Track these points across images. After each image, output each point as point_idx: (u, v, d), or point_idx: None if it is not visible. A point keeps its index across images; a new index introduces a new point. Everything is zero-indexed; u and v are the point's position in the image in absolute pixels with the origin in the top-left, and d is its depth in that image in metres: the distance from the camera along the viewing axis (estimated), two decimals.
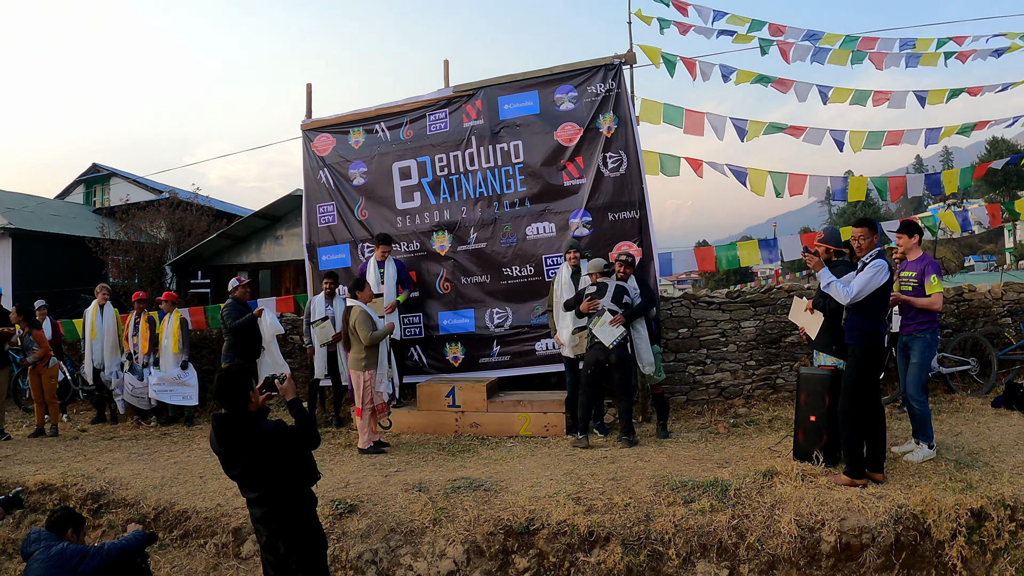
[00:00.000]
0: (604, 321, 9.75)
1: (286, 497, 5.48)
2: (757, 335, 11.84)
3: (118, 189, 35.43)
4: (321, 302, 12.11)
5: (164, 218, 26.69)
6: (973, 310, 11.97)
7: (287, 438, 5.41)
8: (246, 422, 5.39)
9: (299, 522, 5.59)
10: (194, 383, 13.11)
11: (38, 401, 12.97)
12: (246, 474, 5.39)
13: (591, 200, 11.76)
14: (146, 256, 25.24)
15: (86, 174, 38.00)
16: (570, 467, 8.54)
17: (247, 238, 23.43)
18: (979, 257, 77.92)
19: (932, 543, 6.50)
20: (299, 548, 5.57)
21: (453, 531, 7.22)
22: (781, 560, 6.57)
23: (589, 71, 12.07)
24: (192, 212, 27.43)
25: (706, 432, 10.20)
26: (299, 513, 5.58)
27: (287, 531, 5.52)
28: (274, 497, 5.42)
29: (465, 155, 12.51)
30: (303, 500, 5.64)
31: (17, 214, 27.69)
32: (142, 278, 25.05)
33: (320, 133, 13.71)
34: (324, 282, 12.23)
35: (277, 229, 22.90)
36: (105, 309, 13.48)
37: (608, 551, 6.79)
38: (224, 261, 23.75)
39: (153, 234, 26.30)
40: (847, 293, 7.21)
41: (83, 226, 29.57)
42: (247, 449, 5.30)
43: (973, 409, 10.40)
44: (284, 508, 5.47)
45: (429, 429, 11.00)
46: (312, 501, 5.75)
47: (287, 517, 5.49)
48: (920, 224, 8.05)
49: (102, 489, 9.00)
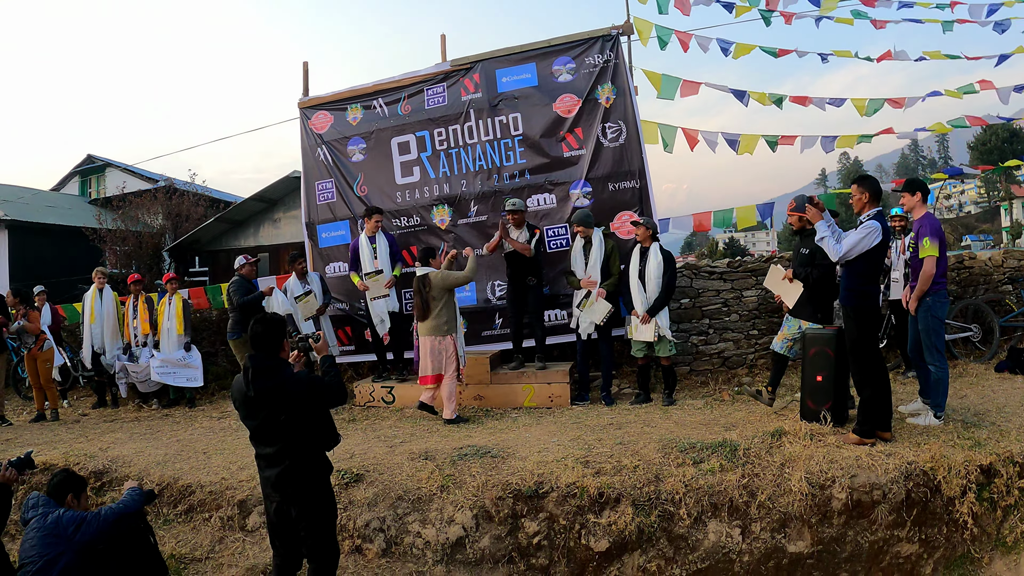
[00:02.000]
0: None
1: (303, 456, 5.45)
2: (759, 304, 11.81)
3: (114, 179, 35.29)
4: (295, 283, 12.15)
5: (161, 205, 26.60)
6: (974, 277, 11.96)
7: (316, 388, 5.40)
8: (278, 366, 5.39)
9: (313, 487, 5.56)
10: (198, 364, 13.04)
11: (36, 386, 12.95)
12: (268, 423, 5.35)
13: (591, 171, 11.73)
14: (143, 244, 25.17)
15: (81, 165, 37.84)
16: (577, 433, 8.53)
17: (245, 222, 23.34)
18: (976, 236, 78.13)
19: (943, 500, 6.50)
20: (311, 514, 5.54)
21: (461, 497, 7.20)
22: (793, 518, 6.57)
23: (587, 42, 12.03)
24: (189, 198, 27.36)
25: (711, 400, 10.18)
26: (314, 477, 5.55)
27: (300, 495, 5.48)
28: (291, 453, 5.39)
29: (464, 128, 12.47)
30: (319, 464, 5.61)
31: (13, 206, 27.60)
32: (140, 266, 24.98)
33: (318, 111, 13.65)
34: (296, 264, 12.29)
35: (275, 212, 22.81)
36: (104, 293, 13.39)
37: (619, 512, 6.78)
38: (222, 246, 23.66)
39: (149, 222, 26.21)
40: (837, 251, 7.22)
41: (79, 217, 29.51)
42: (276, 394, 5.27)
43: (976, 374, 10.43)
44: (300, 468, 5.43)
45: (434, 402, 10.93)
46: (327, 467, 5.72)
47: (301, 479, 5.45)
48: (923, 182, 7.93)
49: (104, 467, 8.95)
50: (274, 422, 5.32)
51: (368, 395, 11.54)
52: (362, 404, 11.51)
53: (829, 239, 7.32)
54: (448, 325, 10.03)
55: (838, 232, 7.45)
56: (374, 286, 11.36)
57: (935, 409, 7.92)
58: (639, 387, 10.47)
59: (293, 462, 5.41)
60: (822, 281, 8.46)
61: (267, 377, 5.31)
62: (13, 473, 5.87)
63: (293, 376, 5.40)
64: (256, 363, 5.36)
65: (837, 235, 7.40)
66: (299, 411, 5.34)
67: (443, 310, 10.00)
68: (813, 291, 8.55)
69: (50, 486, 6.04)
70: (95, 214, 27.97)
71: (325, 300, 12.26)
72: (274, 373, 5.33)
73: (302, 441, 5.42)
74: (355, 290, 12.42)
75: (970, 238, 76.89)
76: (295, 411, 5.32)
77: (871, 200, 7.34)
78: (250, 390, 5.31)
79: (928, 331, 7.88)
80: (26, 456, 6.14)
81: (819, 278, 8.43)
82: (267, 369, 5.33)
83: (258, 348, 5.43)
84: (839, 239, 7.33)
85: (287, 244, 22.31)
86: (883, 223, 7.19)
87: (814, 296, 8.56)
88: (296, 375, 5.43)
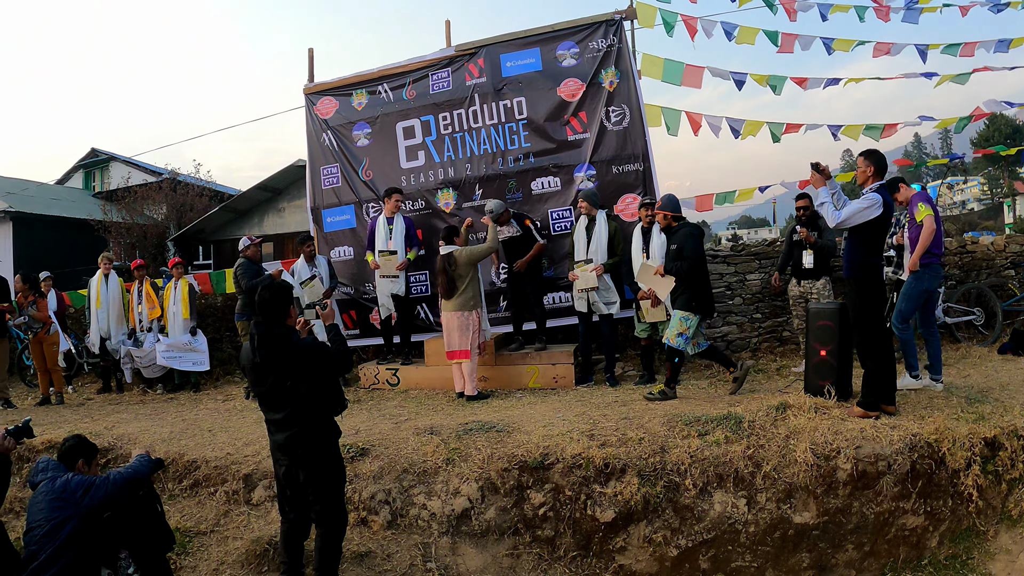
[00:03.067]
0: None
1: (311, 420, 5.52)
2: (762, 288, 11.86)
3: (118, 172, 35.35)
4: (303, 265, 12.13)
5: (165, 196, 26.67)
6: (976, 262, 12.01)
7: (321, 353, 5.50)
8: (285, 332, 5.49)
9: (322, 450, 5.62)
10: (204, 349, 13.07)
11: (41, 370, 12.96)
12: (276, 389, 5.42)
13: (595, 154, 11.76)
14: (148, 235, 25.24)
15: (85, 159, 37.89)
16: (581, 410, 8.53)
17: (249, 211, 23.41)
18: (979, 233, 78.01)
19: (948, 472, 6.54)
20: (319, 477, 5.59)
21: (467, 470, 7.22)
22: (798, 488, 6.60)
23: (590, 27, 12.06)
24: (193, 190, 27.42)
25: (715, 381, 10.22)
26: (322, 440, 5.61)
27: (309, 458, 5.54)
28: (300, 418, 5.46)
29: (469, 113, 12.50)
30: (327, 428, 5.68)
31: (18, 198, 27.69)
32: (145, 256, 25.05)
33: (323, 96, 13.68)
34: (304, 246, 12.25)
35: (279, 201, 22.86)
36: (110, 278, 13.43)
37: (624, 482, 6.80)
38: (226, 235, 23.73)
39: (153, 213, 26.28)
40: (836, 216, 7.30)
41: (83, 209, 29.62)
42: (282, 359, 5.35)
43: (980, 356, 10.50)
44: (308, 432, 5.51)
45: (438, 385, 10.96)
46: (335, 432, 5.79)
47: (310, 443, 5.51)
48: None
49: (110, 445, 8.94)
50: (281, 387, 5.39)
51: (373, 377, 11.58)
52: (367, 386, 11.54)
53: (828, 205, 7.37)
54: (474, 300, 10.12)
55: (842, 199, 7.49)
56: (385, 264, 11.42)
57: (909, 371, 8.35)
58: (643, 368, 10.51)
59: (301, 427, 5.48)
60: (692, 273, 8.84)
61: (273, 343, 5.40)
62: (11, 442, 5.85)
63: (298, 342, 5.50)
64: (262, 329, 5.46)
65: (841, 202, 7.44)
66: (305, 376, 5.41)
67: (469, 286, 10.09)
68: (687, 283, 8.90)
69: (61, 451, 6.03)
70: (100, 206, 28.05)
71: (331, 284, 12.25)
72: (280, 339, 5.43)
73: (309, 406, 5.49)
74: (360, 274, 12.50)
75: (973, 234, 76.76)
76: (301, 376, 5.40)
77: (875, 174, 7.39)
78: (256, 356, 5.40)
79: (910, 298, 8.40)
80: (24, 424, 6.10)
81: (688, 270, 8.82)
82: (273, 336, 5.43)
83: (265, 315, 5.52)
84: (841, 206, 7.38)
85: (292, 233, 22.37)
86: (886, 197, 7.24)
87: (689, 287, 8.89)
88: (301, 340, 5.52)
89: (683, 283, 8.91)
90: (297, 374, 5.39)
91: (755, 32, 12.72)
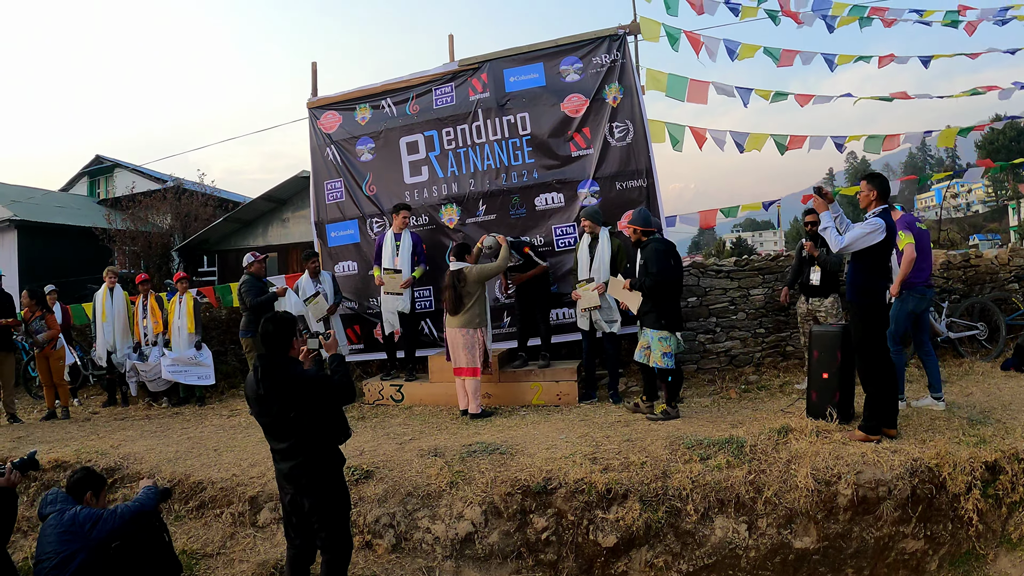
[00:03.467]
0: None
1: (315, 450, 5.57)
2: (766, 303, 11.86)
3: (122, 180, 35.36)
4: (308, 281, 12.18)
5: (169, 205, 26.69)
6: (980, 276, 12.00)
7: (325, 384, 5.54)
8: (288, 364, 5.53)
9: (326, 479, 5.66)
10: (210, 362, 13.14)
11: (47, 384, 13.00)
12: (280, 419, 5.48)
13: (599, 170, 11.78)
14: (152, 244, 25.27)
15: (89, 166, 37.87)
16: (584, 431, 8.57)
17: (253, 222, 23.43)
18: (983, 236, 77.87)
19: (948, 496, 6.56)
20: (324, 506, 5.64)
21: (470, 493, 7.27)
22: (799, 513, 6.62)
23: (594, 42, 12.08)
24: (198, 199, 27.45)
25: (718, 398, 10.26)
26: (326, 469, 5.65)
27: (313, 487, 5.59)
28: (304, 448, 5.51)
29: (472, 128, 12.52)
30: (331, 457, 5.72)
31: (22, 206, 27.70)
32: (149, 266, 25.08)
33: (326, 111, 13.72)
34: (309, 262, 12.32)
35: (283, 212, 22.89)
36: (115, 292, 13.50)
37: (626, 508, 6.84)
38: (231, 246, 23.74)
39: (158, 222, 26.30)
40: (839, 242, 7.30)
41: (88, 217, 29.59)
42: (285, 391, 5.40)
43: (983, 372, 10.47)
44: (312, 462, 5.55)
45: (442, 401, 10.99)
46: (340, 460, 5.83)
47: (314, 472, 5.56)
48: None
49: (116, 464, 9.02)
50: (285, 418, 5.44)
51: (377, 393, 11.62)
52: (371, 402, 11.59)
53: (831, 230, 7.37)
54: (480, 319, 10.17)
55: (845, 223, 7.51)
56: (390, 282, 11.48)
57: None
58: (645, 389, 10.52)
59: (305, 456, 5.53)
60: (657, 289, 8.89)
61: (277, 375, 5.45)
62: (17, 476, 5.88)
63: (302, 373, 5.54)
64: (265, 362, 5.52)
65: (844, 226, 7.46)
66: (308, 407, 5.45)
67: (475, 304, 10.13)
68: (653, 299, 8.97)
69: (69, 483, 6.08)
70: (104, 214, 28.07)
71: (336, 300, 12.31)
72: (283, 371, 5.48)
73: (313, 436, 5.53)
74: (364, 288, 12.55)
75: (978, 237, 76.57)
76: (304, 407, 5.43)
77: (879, 198, 7.41)
78: (260, 388, 5.45)
79: (892, 318, 8.49)
80: (29, 457, 6.14)
81: (653, 286, 8.89)
82: (277, 367, 5.48)
83: (268, 346, 5.59)
84: (844, 230, 7.40)
85: (296, 244, 22.40)
86: (889, 221, 7.25)
87: (656, 305, 8.96)
88: (304, 372, 5.57)
89: (650, 299, 9.00)
90: (300, 405, 5.42)
91: (756, 48, 12.74)
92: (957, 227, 76.24)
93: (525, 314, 11.34)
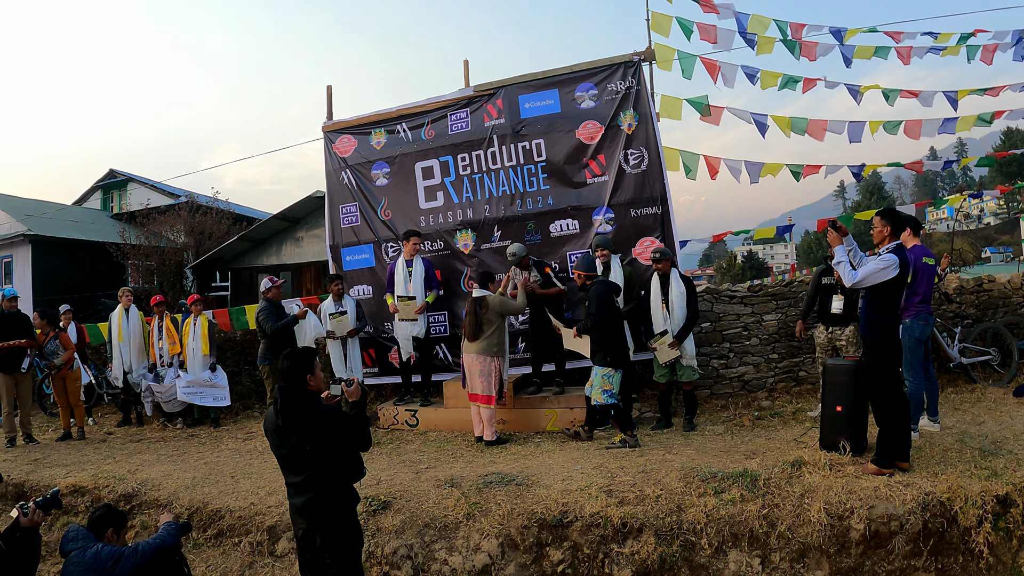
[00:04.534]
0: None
1: (330, 485, 5.63)
2: (779, 328, 11.90)
3: (136, 194, 35.53)
4: (330, 304, 12.26)
5: (184, 222, 26.78)
6: (993, 300, 11.99)
7: (342, 422, 5.62)
8: (306, 398, 5.63)
9: (339, 515, 5.72)
10: (224, 384, 13.26)
11: (63, 405, 13.13)
12: (296, 452, 5.56)
13: (613, 197, 11.84)
14: (166, 260, 25.37)
15: (103, 180, 38.04)
16: (600, 461, 8.62)
17: (267, 240, 23.50)
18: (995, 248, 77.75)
19: (959, 530, 6.57)
20: (335, 542, 5.70)
21: (487, 525, 7.33)
22: (811, 548, 6.67)
23: (609, 68, 12.16)
24: (212, 216, 27.55)
25: (731, 425, 10.28)
26: (340, 506, 5.71)
27: (326, 523, 5.65)
28: (318, 482, 5.58)
29: (487, 154, 12.60)
30: (345, 494, 5.78)
31: (36, 220, 27.84)
32: (162, 282, 25.19)
33: (342, 135, 13.82)
34: (333, 285, 12.37)
35: (297, 231, 22.96)
36: (130, 312, 13.64)
37: (641, 542, 6.89)
38: (244, 264, 23.82)
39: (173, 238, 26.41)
40: (851, 277, 7.30)
41: (101, 231, 29.73)
42: (303, 424, 5.50)
43: (995, 399, 10.44)
44: (326, 497, 5.61)
45: (457, 427, 11.05)
46: (354, 498, 5.89)
47: (328, 508, 5.63)
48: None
49: (134, 490, 9.11)
50: (301, 451, 5.53)
51: (392, 418, 11.71)
52: (386, 427, 11.67)
53: (845, 264, 7.39)
54: (498, 348, 10.23)
55: (859, 256, 7.57)
56: (404, 309, 11.56)
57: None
58: (660, 412, 10.60)
59: (320, 490, 5.60)
60: (599, 329, 9.43)
61: (296, 408, 5.55)
62: (40, 515, 5.92)
63: (320, 408, 5.63)
64: (284, 394, 5.61)
65: (858, 260, 7.52)
66: (325, 442, 5.54)
67: (495, 333, 10.20)
68: (599, 339, 9.47)
69: (90, 520, 6.13)
70: (118, 229, 28.17)
71: (359, 325, 12.35)
72: (301, 404, 5.58)
73: (328, 471, 5.62)
74: (379, 312, 12.64)
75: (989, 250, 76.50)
76: (321, 442, 5.52)
77: (892, 233, 7.44)
78: (279, 419, 5.54)
79: (907, 349, 8.50)
80: (52, 496, 6.18)
81: (594, 326, 9.43)
82: (295, 400, 5.58)
83: (286, 380, 5.68)
84: (858, 263, 7.45)
85: (309, 263, 22.49)
86: (903, 257, 7.27)
87: (602, 344, 9.45)
88: (322, 407, 5.65)
89: (595, 340, 9.48)
90: (317, 439, 5.51)
91: (777, 76, 12.78)
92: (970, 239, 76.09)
93: (539, 339, 11.42)
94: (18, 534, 5.64)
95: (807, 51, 13.04)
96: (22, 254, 26.94)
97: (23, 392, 12.57)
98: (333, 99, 14.39)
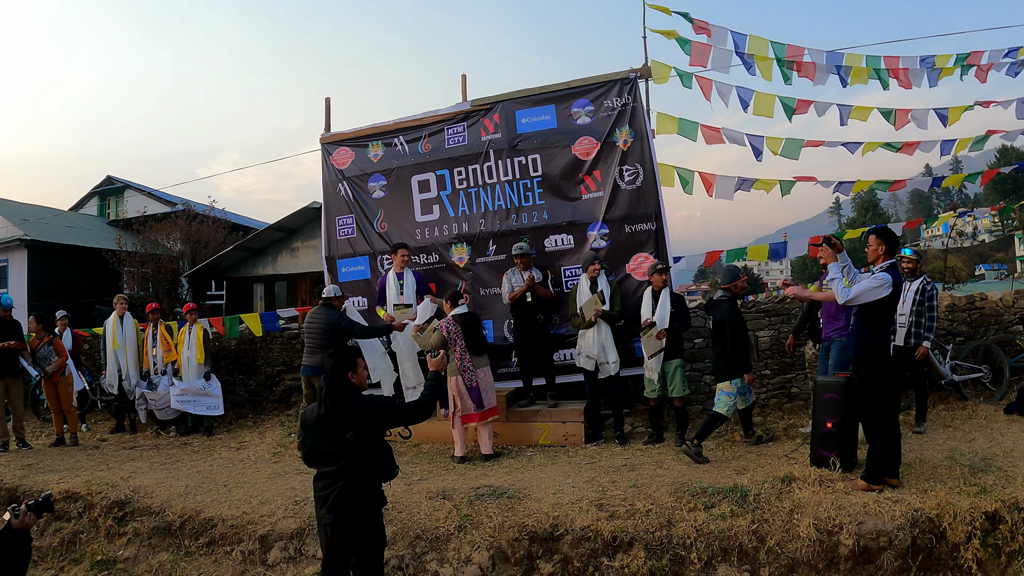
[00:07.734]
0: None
1: (362, 477, 5.84)
2: (772, 344, 11.95)
3: (133, 201, 35.61)
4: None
5: (180, 230, 26.82)
6: (985, 318, 12.02)
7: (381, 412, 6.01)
8: (350, 388, 5.97)
9: (367, 511, 5.90)
10: (218, 393, 13.31)
11: (55, 411, 13.16)
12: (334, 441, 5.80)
13: (608, 212, 11.91)
14: (162, 268, 25.41)
15: (100, 186, 38.11)
16: (591, 475, 8.67)
17: (263, 250, 23.55)
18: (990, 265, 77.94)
19: (948, 546, 6.61)
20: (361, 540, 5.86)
21: (478, 537, 7.37)
22: (800, 563, 6.70)
23: (605, 85, 12.24)
24: (208, 224, 27.58)
25: (723, 440, 10.31)
26: (369, 502, 5.91)
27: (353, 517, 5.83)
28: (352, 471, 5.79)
29: (483, 168, 12.68)
30: (375, 491, 5.97)
31: (33, 225, 27.89)
32: (158, 289, 25.22)
33: (339, 147, 13.88)
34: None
35: (293, 241, 23.02)
36: (125, 320, 13.67)
37: (631, 556, 6.93)
38: (240, 273, 23.88)
39: (169, 246, 26.45)
40: (844, 294, 7.33)
41: (98, 238, 29.78)
42: (343, 411, 5.78)
43: (986, 416, 10.46)
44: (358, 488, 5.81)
45: (448, 439, 10.95)
46: (382, 499, 6.05)
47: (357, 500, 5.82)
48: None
49: (127, 497, 9.14)
50: (340, 439, 5.76)
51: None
52: None
53: (838, 281, 7.43)
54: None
55: (852, 273, 7.61)
56: (400, 316, 11.53)
57: None
58: (652, 427, 10.65)
59: (351, 480, 5.79)
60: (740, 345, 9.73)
61: (338, 396, 5.84)
62: (31, 518, 5.93)
63: (362, 397, 5.96)
64: (330, 382, 5.93)
65: (851, 277, 7.55)
66: (364, 430, 5.80)
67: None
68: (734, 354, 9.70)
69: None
70: (114, 236, 28.20)
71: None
72: (344, 393, 5.88)
73: (362, 462, 5.83)
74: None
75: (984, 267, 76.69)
76: (361, 429, 5.77)
77: (886, 252, 7.48)
78: (322, 407, 5.84)
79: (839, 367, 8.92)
80: (44, 499, 6.19)
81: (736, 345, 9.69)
82: (339, 390, 5.89)
83: (331, 375, 5.98)
84: (851, 281, 7.49)
85: (304, 273, 22.55)
86: (896, 276, 7.32)
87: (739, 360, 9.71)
88: (364, 397, 6.01)
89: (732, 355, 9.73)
90: (359, 427, 5.76)
91: (772, 99, 12.81)
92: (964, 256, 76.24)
93: (523, 352, 11.51)
94: (9, 536, 5.67)
95: (806, 71, 13.07)
96: (18, 259, 26.97)
97: (15, 397, 12.63)
98: (331, 111, 14.44)
